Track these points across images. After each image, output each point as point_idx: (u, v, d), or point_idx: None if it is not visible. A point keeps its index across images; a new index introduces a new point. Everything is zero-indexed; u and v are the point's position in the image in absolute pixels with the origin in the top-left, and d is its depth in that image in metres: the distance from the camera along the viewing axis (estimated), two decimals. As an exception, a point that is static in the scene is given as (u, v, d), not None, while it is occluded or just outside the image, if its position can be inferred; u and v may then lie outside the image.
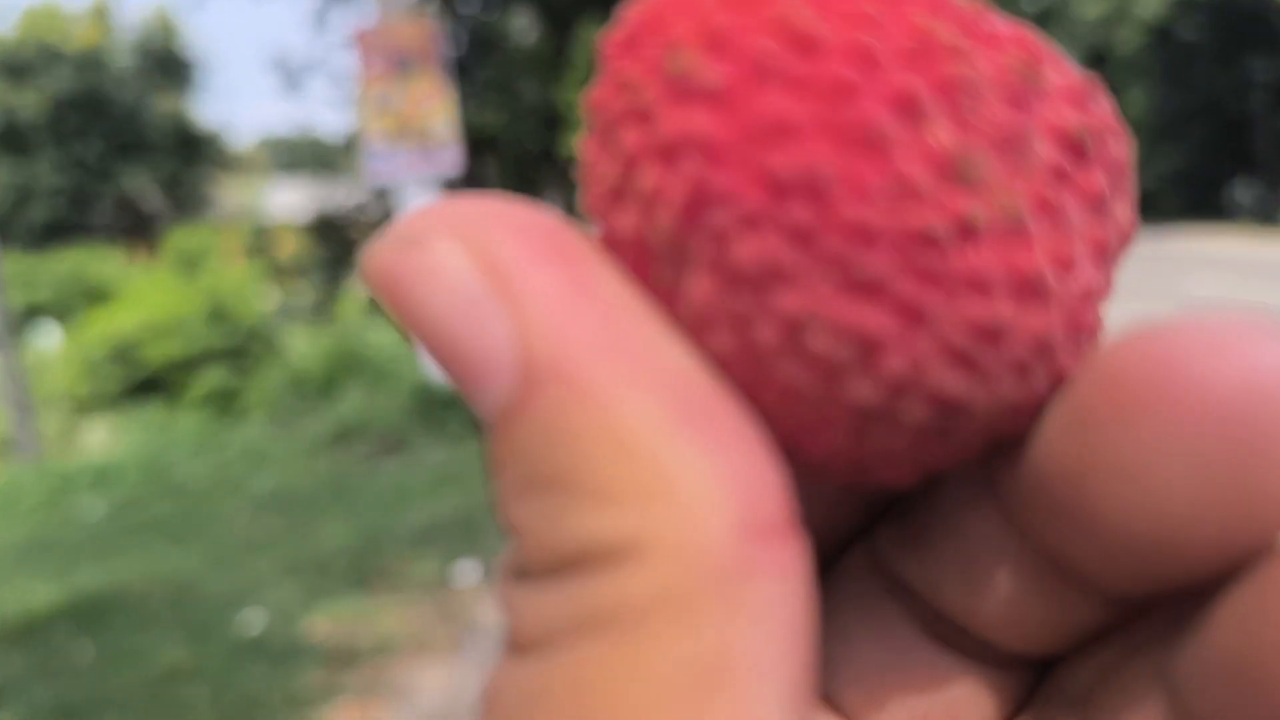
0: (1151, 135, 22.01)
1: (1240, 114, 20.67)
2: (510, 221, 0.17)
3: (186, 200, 23.78)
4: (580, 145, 0.21)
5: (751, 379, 0.18)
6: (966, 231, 0.17)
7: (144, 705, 2.63)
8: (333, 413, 6.00)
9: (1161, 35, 21.57)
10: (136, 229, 22.05)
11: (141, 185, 22.42)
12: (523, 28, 12.00)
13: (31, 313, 11.53)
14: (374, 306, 10.02)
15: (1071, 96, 0.19)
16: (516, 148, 11.83)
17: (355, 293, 11.43)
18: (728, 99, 0.17)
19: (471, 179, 10.67)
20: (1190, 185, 21.24)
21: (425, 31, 4.78)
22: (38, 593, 3.49)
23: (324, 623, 3.03)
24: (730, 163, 0.17)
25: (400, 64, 4.77)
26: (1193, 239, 16.38)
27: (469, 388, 0.17)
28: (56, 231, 20.35)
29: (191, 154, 23.84)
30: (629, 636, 0.14)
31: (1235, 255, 12.78)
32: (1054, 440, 0.17)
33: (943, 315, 0.17)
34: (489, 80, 11.78)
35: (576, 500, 0.15)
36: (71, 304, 11.79)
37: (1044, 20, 28.02)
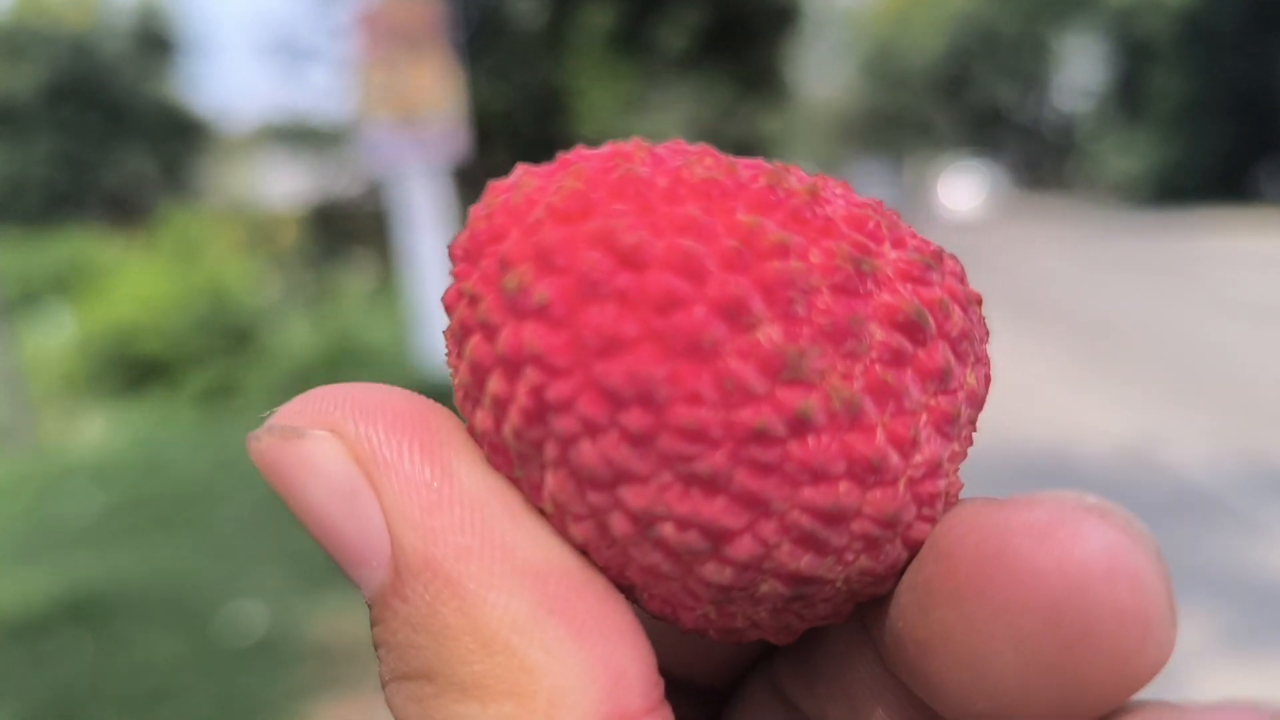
0: (1179, 122, 22.02)
1: (1269, 100, 20.66)
2: (383, 413, 0.19)
3: (183, 184, 23.72)
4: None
5: (616, 562, 0.19)
6: (801, 424, 0.18)
7: (141, 698, 2.61)
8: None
9: (1190, 20, 21.54)
10: (131, 213, 21.99)
11: (136, 169, 22.36)
12: (528, 11, 11.93)
13: (27, 299, 11.48)
14: (374, 296, 9.98)
15: (909, 275, 0.20)
16: (522, 135, 11.78)
17: (354, 282, 11.39)
18: (559, 315, 0.18)
19: (476, 167, 10.62)
20: (1218, 171, 21.24)
21: (428, 13, 4.71)
22: (34, 586, 3.47)
23: (322, 618, 3.02)
24: (566, 375, 0.18)
25: (403, 47, 4.70)
26: (1220, 227, 16.27)
27: (348, 572, 0.19)
28: (51, 215, 20.29)
29: (187, 138, 23.78)
30: None
31: (1271, 253, 12.52)
32: (903, 611, 0.19)
33: (786, 503, 0.18)
34: (494, 65, 11.72)
35: (445, 693, 0.17)
36: (68, 290, 11.73)
37: (1070, 7, 27.98)
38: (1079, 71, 32.58)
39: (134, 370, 6.99)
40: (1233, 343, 6.37)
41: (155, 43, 23.65)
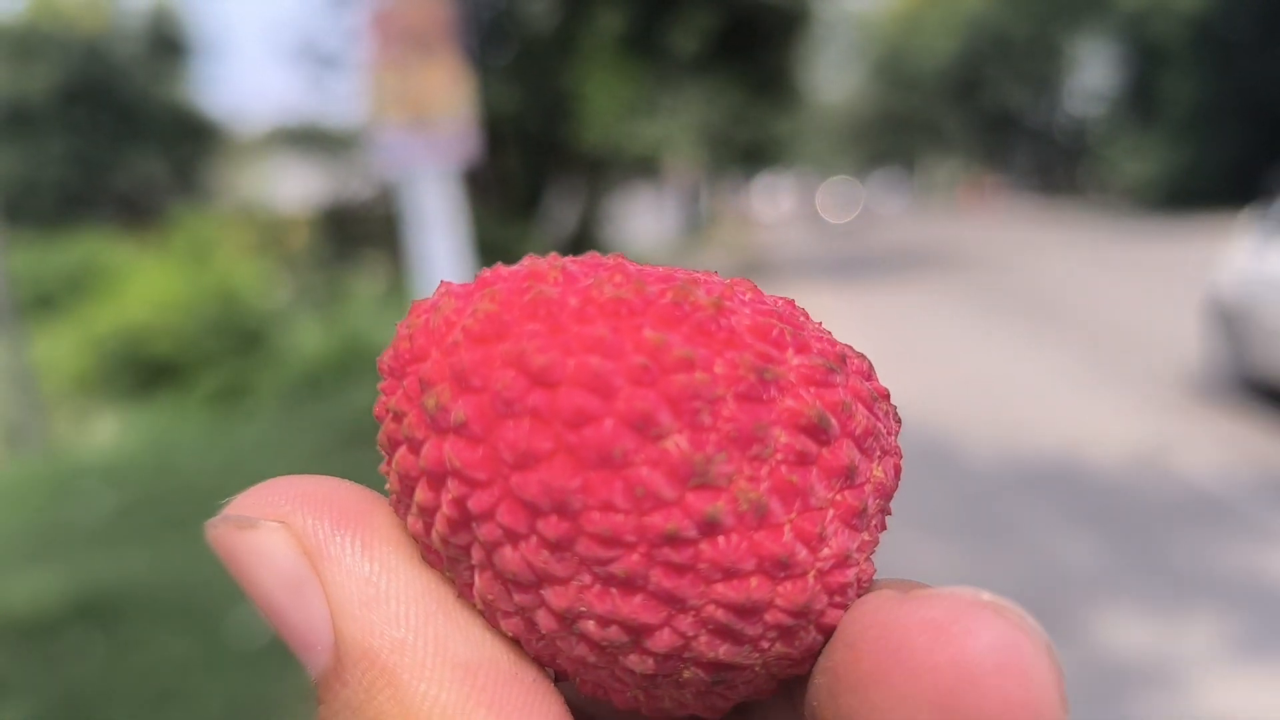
0: (1191, 126, 21.95)
1: (1281, 104, 20.60)
2: (330, 507, 0.21)
3: (193, 187, 23.80)
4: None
5: (546, 653, 0.21)
6: (710, 526, 0.19)
7: (152, 698, 2.62)
8: (341, 405, 5.98)
9: (1201, 26, 21.47)
10: (143, 215, 22.06)
11: (148, 171, 22.44)
12: (540, 13, 11.93)
13: (40, 301, 11.53)
14: (384, 298, 10.00)
15: (812, 379, 0.21)
16: (533, 137, 11.78)
17: (364, 284, 11.41)
18: (476, 431, 0.20)
19: (487, 170, 10.63)
20: (1230, 176, 21.15)
21: (440, 14, 4.72)
22: (46, 586, 3.48)
23: (334, 619, 3.02)
24: (486, 487, 0.20)
25: (414, 48, 4.70)
26: (1231, 231, 16.20)
27: (296, 653, 0.20)
28: (63, 217, 20.37)
29: (198, 140, 23.87)
30: None
31: None
32: (816, 691, 0.20)
33: (701, 598, 0.20)
34: (506, 68, 11.73)
35: None
36: (79, 292, 11.77)
37: (1082, 11, 27.91)
38: (1091, 76, 32.50)
39: (145, 372, 7.02)
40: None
41: (167, 46, 23.74)
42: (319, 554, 0.20)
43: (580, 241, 12.13)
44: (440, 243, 5.38)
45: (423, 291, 5.85)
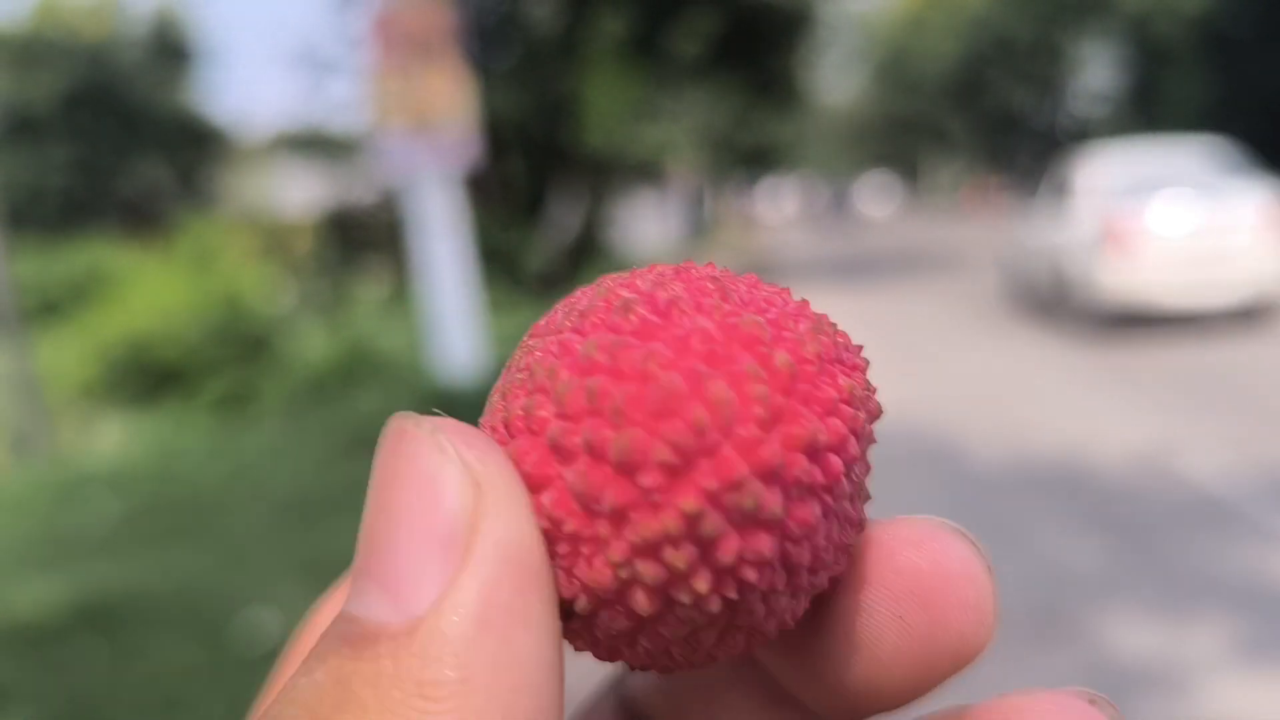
0: (1194, 125, 21.93)
1: (1284, 104, 20.55)
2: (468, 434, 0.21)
3: (198, 193, 23.87)
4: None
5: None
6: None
7: (156, 705, 2.63)
8: (346, 412, 5.99)
9: (1204, 25, 21.46)
10: (148, 222, 22.12)
11: (152, 178, 22.50)
12: (542, 17, 11.93)
13: (45, 308, 11.56)
14: (388, 304, 10.01)
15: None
16: (535, 141, 11.78)
17: (368, 289, 11.43)
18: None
19: (489, 174, 10.64)
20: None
21: (442, 19, 4.73)
22: (52, 592, 3.49)
23: (338, 626, 3.02)
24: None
25: (416, 53, 4.71)
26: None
27: (360, 583, 0.20)
28: (68, 223, 20.44)
29: (202, 146, 23.94)
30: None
31: None
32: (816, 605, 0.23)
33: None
34: (508, 72, 11.74)
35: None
36: (83, 299, 11.80)
37: (1085, 12, 27.90)
38: (1095, 77, 32.48)
39: (150, 378, 7.03)
40: (1250, 351, 6.34)
41: (171, 52, 23.82)
42: (482, 532, 0.19)
43: (583, 246, 12.13)
44: (443, 247, 5.38)
45: (427, 297, 5.85)
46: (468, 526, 0.18)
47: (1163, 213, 7.23)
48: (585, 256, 12.03)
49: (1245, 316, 7.21)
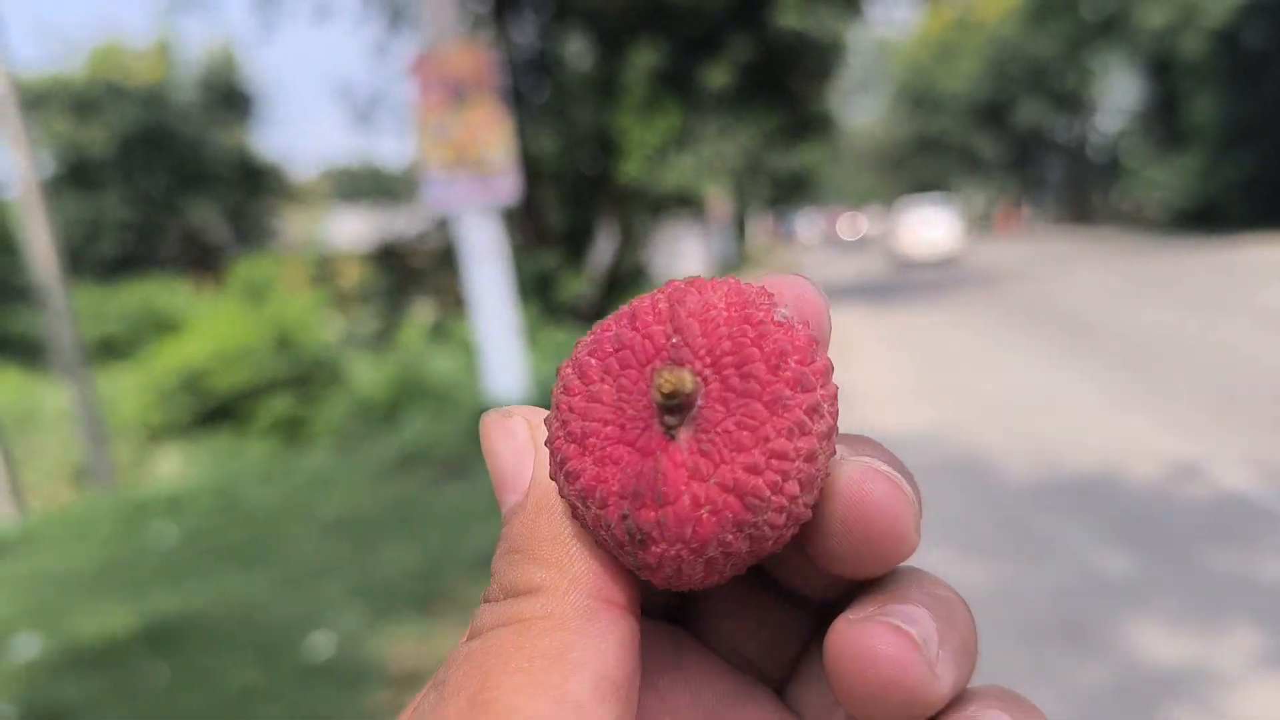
0: (1219, 142, 21.60)
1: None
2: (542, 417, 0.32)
3: (250, 231, 24.24)
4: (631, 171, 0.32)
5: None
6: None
7: (216, 725, 2.67)
8: (396, 438, 6.07)
9: (1228, 41, 21.16)
10: (202, 260, 22.51)
11: (206, 217, 22.89)
12: (577, 53, 12.08)
13: (103, 346, 11.82)
14: (435, 332, 10.14)
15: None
16: (572, 174, 11.90)
17: (417, 318, 11.56)
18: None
19: (529, 206, 10.78)
20: (1259, 192, 20.75)
21: (481, 59, 4.85)
22: (113, 617, 3.56)
23: (390, 645, 3.07)
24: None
25: (456, 92, 4.84)
26: (1263, 247, 16.01)
27: (501, 496, 0.32)
28: (125, 264, 20.80)
29: (254, 185, 24.30)
30: (521, 631, 0.28)
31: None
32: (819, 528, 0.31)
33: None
34: (545, 106, 11.87)
35: (521, 559, 0.30)
36: (141, 335, 12.05)
37: (1107, 29, 27.61)
38: (1120, 95, 32.07)
39: (206, 409, 7.18)
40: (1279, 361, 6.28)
41: (223, 92, 24.27)
42: (539, 439, 0.31)
43: (621, 275, 12.21)
44: (488, 277, 5.49)
45: (476, 325, 5.96)
46: (531, 441, 0.32)
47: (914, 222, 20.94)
48: (623, 285, 12.10)
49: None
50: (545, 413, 0.32)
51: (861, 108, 47.23)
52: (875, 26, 39.50)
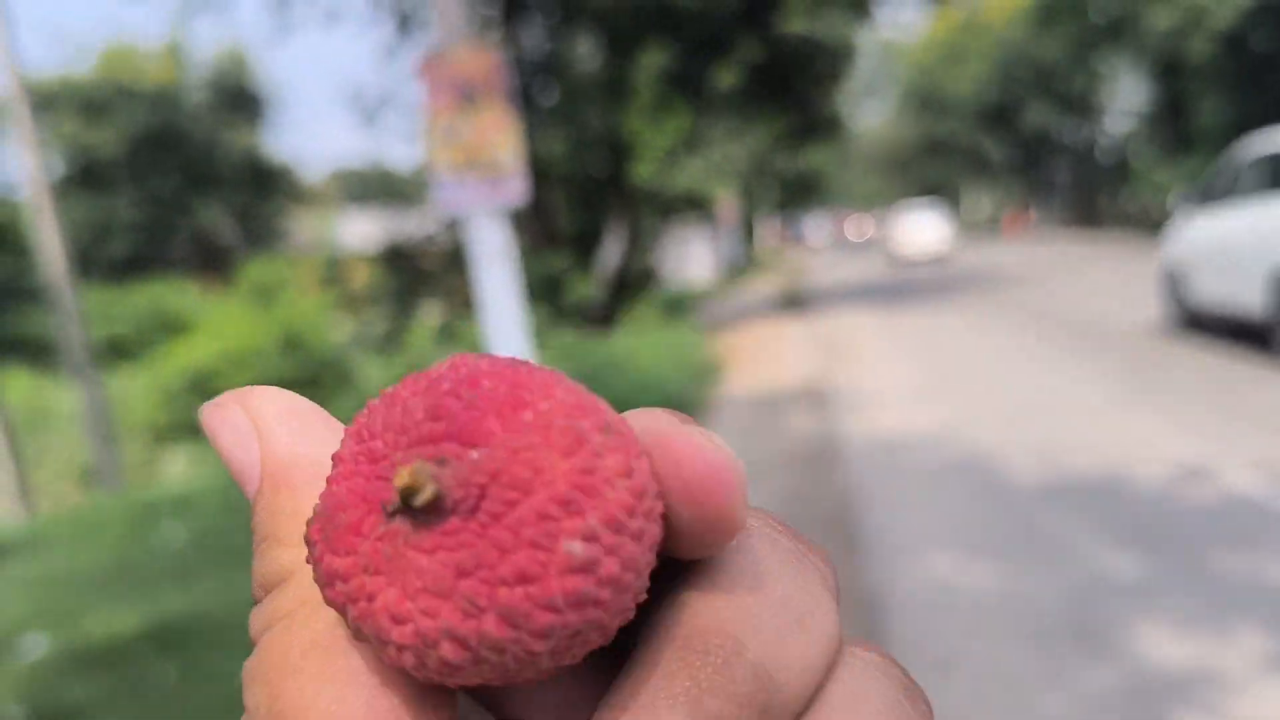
0: (1227, 145, 21.54)
1: (1318, 121, 20.08)
2: (272, 396, 0.30)
3: (260, 232, 24.31)
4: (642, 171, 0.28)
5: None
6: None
7: (222, 722, 2.69)
8: (403, 439, 6.06)
9: (1235, 44, 21.11)
10: (211, 262, 22.58)
11: (215, 219, 22.95)
12: (586, 55, 12.09)
13: (112, 346, 11.85)
14: (443, 331, 10.15)
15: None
16: (581, 176, 11.91)
17: (425, 321, 11.58)
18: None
19: (538, 209, 10.79)
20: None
21: (490, 61, 4.86)
22: (122, 617, 3.58)
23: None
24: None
25: (465, 94, 4.84)
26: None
27: (243, 489, 0.29)
28: (134, 265, 20.88)
29: (264, 187, 24.37)
30: (287, 627, 0.26)
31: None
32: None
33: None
34: (554, 109, 11.89)
35: (269, 546, 0.28)
36: (150, 336, 12.09)
37: (1114, 31, 27.56)
38: (1129, 97, 32.00)
39: (214, 410, 7.18)
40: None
41: (234, 96, 24.35)
42: (259, 416, 0.30)
43: (630, 277, 12.22)
44: (496, 279, 5.50)
45: (483, 325, 5.97)
46: (250, 423, 0.30)
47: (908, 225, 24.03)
48: (632, 287, 12.11)
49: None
50: (261, 390, 0.30)
51: (869, 110, 47.31)
52: (883, 29, 39.54)
